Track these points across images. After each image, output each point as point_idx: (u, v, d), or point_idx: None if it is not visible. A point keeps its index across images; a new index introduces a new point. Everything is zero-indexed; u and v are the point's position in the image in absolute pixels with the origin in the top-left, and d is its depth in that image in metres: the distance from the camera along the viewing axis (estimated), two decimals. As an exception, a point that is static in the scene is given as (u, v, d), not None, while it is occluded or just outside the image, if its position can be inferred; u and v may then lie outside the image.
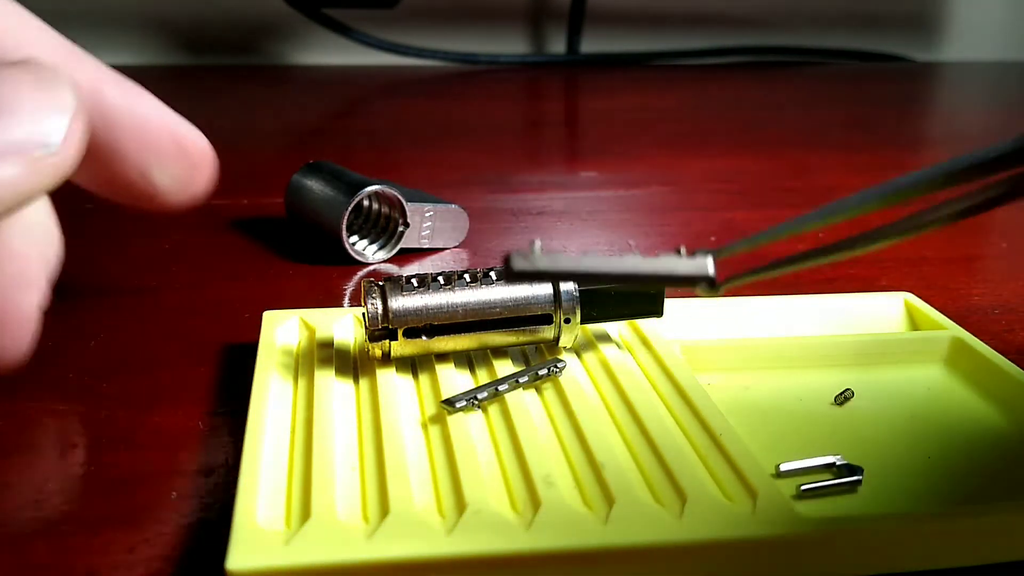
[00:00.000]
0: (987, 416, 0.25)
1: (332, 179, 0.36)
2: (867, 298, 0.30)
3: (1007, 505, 0.20)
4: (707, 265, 0.16)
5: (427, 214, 0.36)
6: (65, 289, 0.33)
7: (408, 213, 0.35)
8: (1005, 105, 0.79)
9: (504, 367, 0.25)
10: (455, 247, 0.38)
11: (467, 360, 0.26)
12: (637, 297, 0.26)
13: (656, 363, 0.26)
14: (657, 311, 0.26)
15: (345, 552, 0.18)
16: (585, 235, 0.40)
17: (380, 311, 0.24)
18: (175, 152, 0.24)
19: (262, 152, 0.54)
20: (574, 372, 0.25)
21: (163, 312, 0.31)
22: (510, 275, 0.16)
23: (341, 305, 0.32)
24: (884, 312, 0.30)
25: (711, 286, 0.17)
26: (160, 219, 0.40)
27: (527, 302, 0.25)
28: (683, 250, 0.16)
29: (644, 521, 0.19)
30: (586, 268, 0.16)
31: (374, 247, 0.36)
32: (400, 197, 0.35)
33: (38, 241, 0.23)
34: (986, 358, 0.26)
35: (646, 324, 0.27)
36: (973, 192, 0.15)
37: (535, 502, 0.19)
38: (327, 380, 0.24)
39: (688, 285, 0.16)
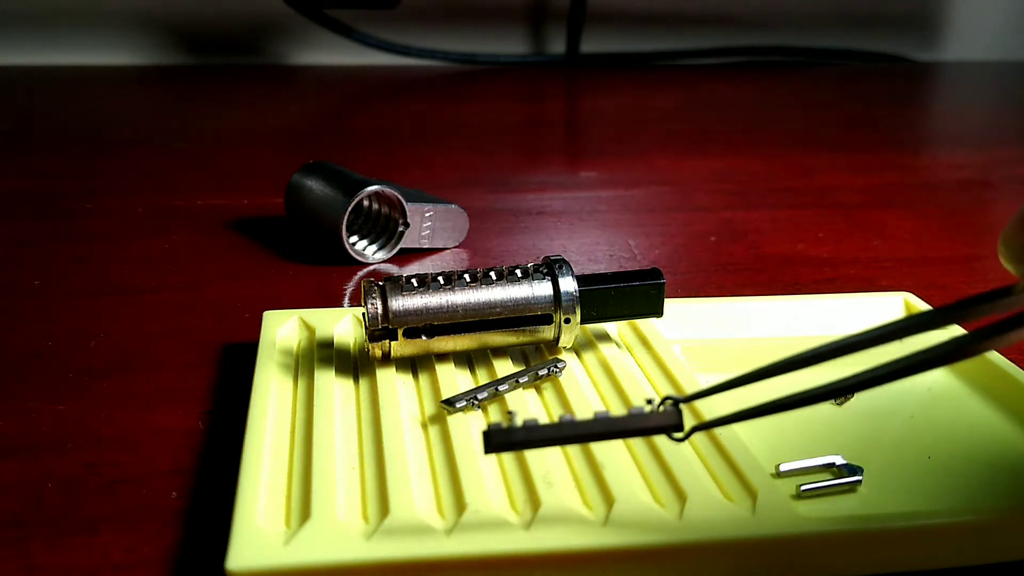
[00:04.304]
0: (987, 416, 0.25)
1: (332, 179, 0.36)
2: (867, 298, 0.30)
3: (1007, 505, 0.20)
4: (675, 416, 0.18)
5: (427, 214, 0.36)
6: (66, 289, 0.33)
7: (408, 213, 0.35)
8: (1005, 105, 0.79)
9: (504, 367, 0.25)
10: (455, 247, 0.38)
11: (467, 360, 0.26)
12: (637, 297, 0.26)
13: (656, 363, 0.26)
14: (657, 311, 0.26)
15: (345, 552, 0.18)
16: (585, 235, 0.40)
17: (380, 311, 0.24)
18: None
19: (262, 152, 0.54)
20: (574, 372, 0.25)
21: (163, 312, 0.31)
22: (488, 451, 0.17)
23: (341, 305, 0.32)
24: (884, 312, 0.30)
25: (679, 433, 0.18)
26: (160, 219, 0.40)
27: (527, 302, 0.25)
28: (654, 401, 0.18)
29: (644, 521, 0.19)
30: (562, 434, 0.17)
31: (374, 247, 0.36)
32: (400, 197, 0.35)
33: None
34: (986, 358, 0.26)
35: (646, 324, 0.27)
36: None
37: (535, 502, 0.19)
38: (327, 380, 0.24)
39: (659, 433, 0.18)
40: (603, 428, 0.17)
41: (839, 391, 0.17)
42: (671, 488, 0.20)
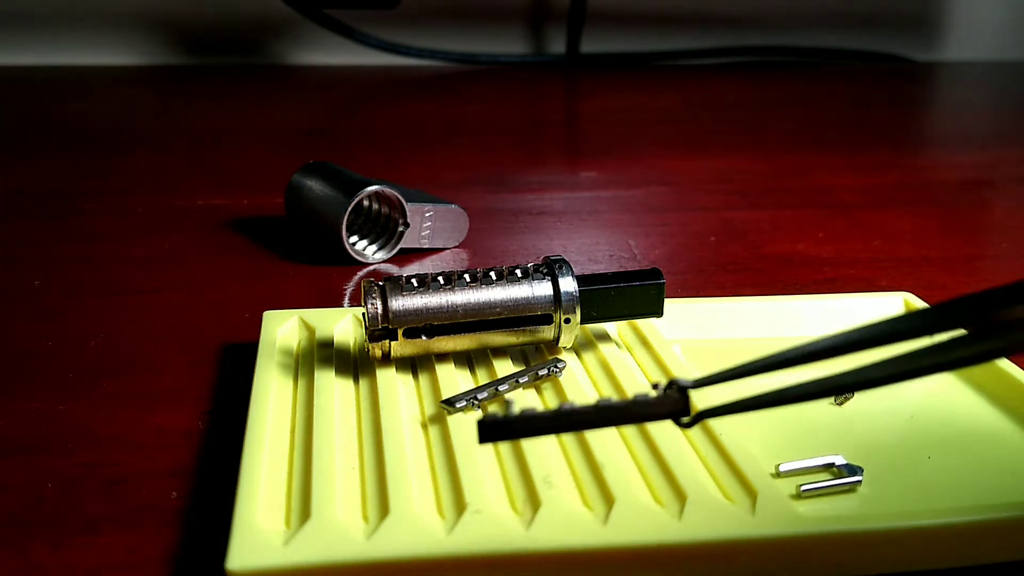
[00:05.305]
0: (986, 416, 0.25)
1: (332, 179, 0.36)
2: (867, 298, 0.30)
3: (1006, 505, 0.20)
4: (682, 401, 0.16)
5: (427, 214, 0.36)
6: (66, 289, 0.33)
7: (408, 213, 0.35)
8: (1005, 105, 0.79)
9: (504, 367, 0.25)
10: (455, 247, 0.38)
11: (467, 360, 0.26)
12: (637, 297, 0.26)
13: (656, 363, 0.26)
14: (657, 311, 0.26)
15: (345, 552, 0.18)
16: (585, 235, 0.40)
17: (380, 311, 0.24)
18: None
19: (262, 152, 0.54)
20: (574, 372, 0.25)
21: (163, 312, 0.31)
22: (482, 441, 0.16)
23: (341, 305, 0.32)
24: (884, 312, 0.30)
25: (686, 418, 0.17)
26: (160, 219, 0.40)
27: (527, 302, 0.25)
28: (660, 386, 0.16)
29: (644, 521, 0.19)
30: (561, 423, 0.16)
31: (374, 247, 0.36)
32: (400, 197, 0.35)
33: None
34: (986, 358, 0.26)
35: (646, 324, 0.27)
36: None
37: (535, 502, 0.19)
38: (327, 380, 0.24)
39: (664, 419, 0.17)
40: (604, 416, 0.16)
41: (859, 385, 0.16)
42: (671, 488, 0.20)
